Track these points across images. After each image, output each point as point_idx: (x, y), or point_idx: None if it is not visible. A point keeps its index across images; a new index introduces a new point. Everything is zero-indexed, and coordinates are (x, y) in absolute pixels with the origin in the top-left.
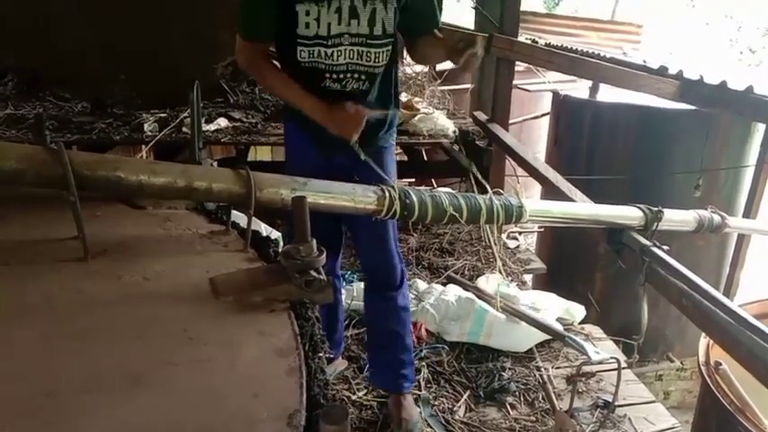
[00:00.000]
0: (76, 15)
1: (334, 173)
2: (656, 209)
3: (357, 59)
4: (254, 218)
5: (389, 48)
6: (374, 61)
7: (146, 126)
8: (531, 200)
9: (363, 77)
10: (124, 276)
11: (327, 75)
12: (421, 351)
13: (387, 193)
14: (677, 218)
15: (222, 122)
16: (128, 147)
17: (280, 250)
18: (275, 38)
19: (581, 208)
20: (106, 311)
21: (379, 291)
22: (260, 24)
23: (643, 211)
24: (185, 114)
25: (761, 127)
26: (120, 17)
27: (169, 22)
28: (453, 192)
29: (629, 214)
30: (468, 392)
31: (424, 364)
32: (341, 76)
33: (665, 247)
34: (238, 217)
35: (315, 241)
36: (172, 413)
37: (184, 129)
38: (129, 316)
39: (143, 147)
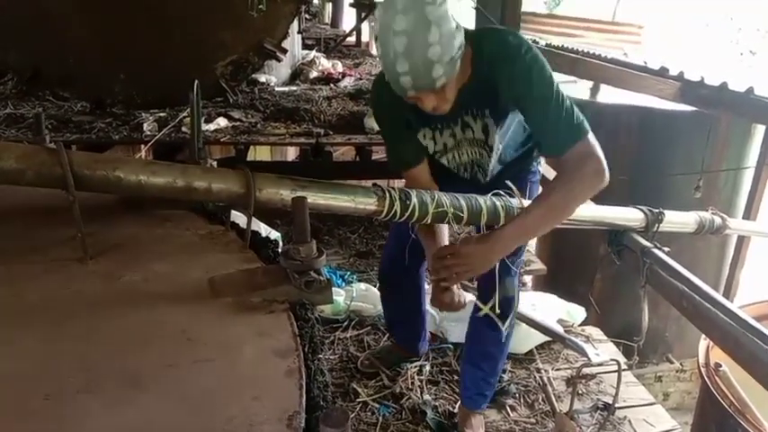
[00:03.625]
0: (76, 15)
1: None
2: (656, 210)
3: (479, 157)
4: (253, 218)
5: (507, 143)
6: (490, 158)
7: (145, 125)
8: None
9: (483, 168)
10: (123, 277)
11: (452, 167)
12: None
13: (387, 194)
14: (678, 219)
15: (221, 122)
16: (127, 146)
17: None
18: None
19: (582, 209)
20: (105, 312)
21: (488, 317)
22: (403, 155)
23: (644, 212)
24: (185, 114)
25: (761, 128)
26: (119, 17)
27: (169, 22)
28: (453, 193)
29: (630, 216)
30: None
31: (427, 363)
32: (462, 168)
33: (666, 249)
34: (237, 217)
35: (315, 242)
36: (171, 415)
37: (184, 128)
38: (129, 317)
39: (142, 146)
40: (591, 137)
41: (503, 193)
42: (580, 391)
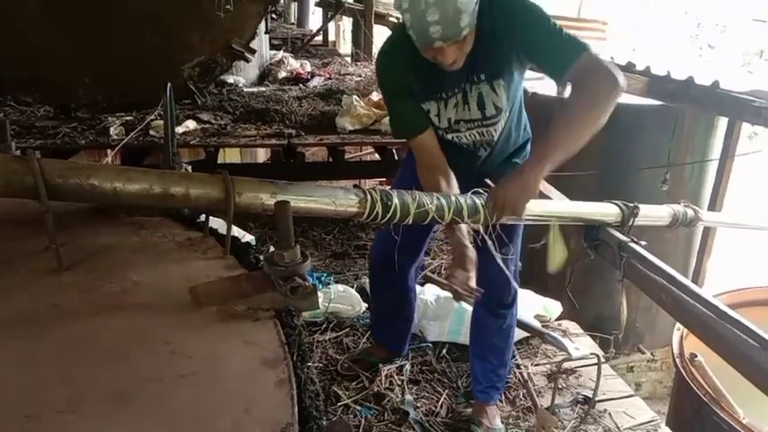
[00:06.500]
0: (39, 17)
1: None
2: (632, 205)
3: (479, 138)
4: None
5: (507, 116)
6: (492, 135)
7: (111, 129)
8: None
9: (486, 144)
10: (101, 288)
11: (458, 145)
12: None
13: (368, 196)
14: (653, 213)
15: (190, 125)
16: (93, 151)
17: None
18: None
19: (560, 206)
20: (84, 326)
21: (490, 307)
22: (410, 121)
23: (619, 207)
24: (152, 117)
25: (723, 121)
26: (83, 20)
27: (135, 24)
28: (434, 193)
29: (606, 211)
30: (446, 391)
31: (407, 363)
32: (468, 146)
33: (643, 243)
34: (212, 222)
35: (298, 247)
36: None
37: (151, 132)
38: (109, 330)
39: (109, 151)
40: (593, 51)
41: (482, 191)
42: (560, 386)
